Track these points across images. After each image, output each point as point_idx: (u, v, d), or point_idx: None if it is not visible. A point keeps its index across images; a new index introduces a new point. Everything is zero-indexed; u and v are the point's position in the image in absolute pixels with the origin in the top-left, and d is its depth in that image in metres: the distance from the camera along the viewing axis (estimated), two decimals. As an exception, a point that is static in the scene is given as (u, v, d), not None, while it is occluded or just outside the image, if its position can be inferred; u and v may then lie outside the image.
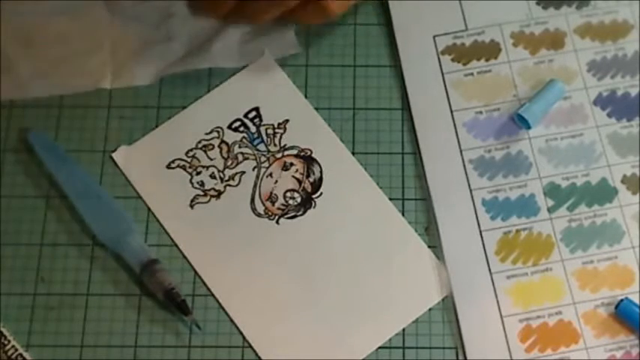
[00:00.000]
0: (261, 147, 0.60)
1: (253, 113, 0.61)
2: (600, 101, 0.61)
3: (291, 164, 0.60)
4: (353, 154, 0.60)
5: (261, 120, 0.61)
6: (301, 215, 0.59)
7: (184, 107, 0.61)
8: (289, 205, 0.59)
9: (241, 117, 0.61)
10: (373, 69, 0.63)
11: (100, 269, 0.58)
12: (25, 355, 0.56)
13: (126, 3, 0.63)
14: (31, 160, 0.60)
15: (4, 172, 0.60)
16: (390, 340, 0.56)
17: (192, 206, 0.59)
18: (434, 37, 0.63)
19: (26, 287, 0.57)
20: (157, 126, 0.61)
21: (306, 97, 0.62)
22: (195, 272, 0.57)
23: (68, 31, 0.63)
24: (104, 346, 0.56)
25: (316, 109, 0.61)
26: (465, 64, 0.62)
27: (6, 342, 0.56)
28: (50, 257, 0.58)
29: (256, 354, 0.55)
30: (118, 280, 0.58)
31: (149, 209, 0.59)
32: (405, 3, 0.64)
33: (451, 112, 0.61)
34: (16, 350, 0.56)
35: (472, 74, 0.62)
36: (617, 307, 0.56)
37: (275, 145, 0.60)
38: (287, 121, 0.61)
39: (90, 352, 0.56)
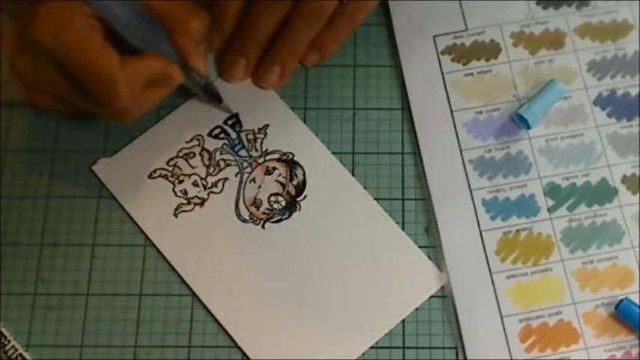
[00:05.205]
0: (243, 153, 0.60)
1: (233, 119, 0.61)
2: (600, 101, 0.61)
3: (274, 168, 0.60)
4: (353, 154, 0.60)
5: (241, 126, 0.61)
6: (287, 219, 0.59)
7: (163, 117, 0.61)
8: (274, 209, 0.59)
9: (221, 124, 0.61)
10: (373, 69, 0.63)
11: (100, 269, 0.58)
12: (25, 355, 0.56)
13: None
14: (31, 160, 0.60)
15: (4, 172, 0.60)
16: (390, 340, 0.56)
17: (176, 215, 0.59)
18: (434, 37, 0.63)
19: (26, 287, 0.57)
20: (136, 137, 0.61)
21: (306, 97, 0.62)
22: (184, 282, 0.57)
23: None
24: (104, 346, 0.56)
25: (316, 109, 0.62)
26: (465, 64, 0.62)
27: (6, 342, 0.56)
28: (50, 257, 0.58)
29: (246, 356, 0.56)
30: (118, 280, 0.58)
31: (133, 220, 0.59)
32: (405, 3, 0.64)
33: (451, 112, 0.61)
34: (16, 350, 0.56)
35: (472, 74, 0.62)
36: (617, 307, 0.56)
37: (256, 150, 0.60)
38: (267, 125, 0.61)
39: (90, 352, 0.56)
